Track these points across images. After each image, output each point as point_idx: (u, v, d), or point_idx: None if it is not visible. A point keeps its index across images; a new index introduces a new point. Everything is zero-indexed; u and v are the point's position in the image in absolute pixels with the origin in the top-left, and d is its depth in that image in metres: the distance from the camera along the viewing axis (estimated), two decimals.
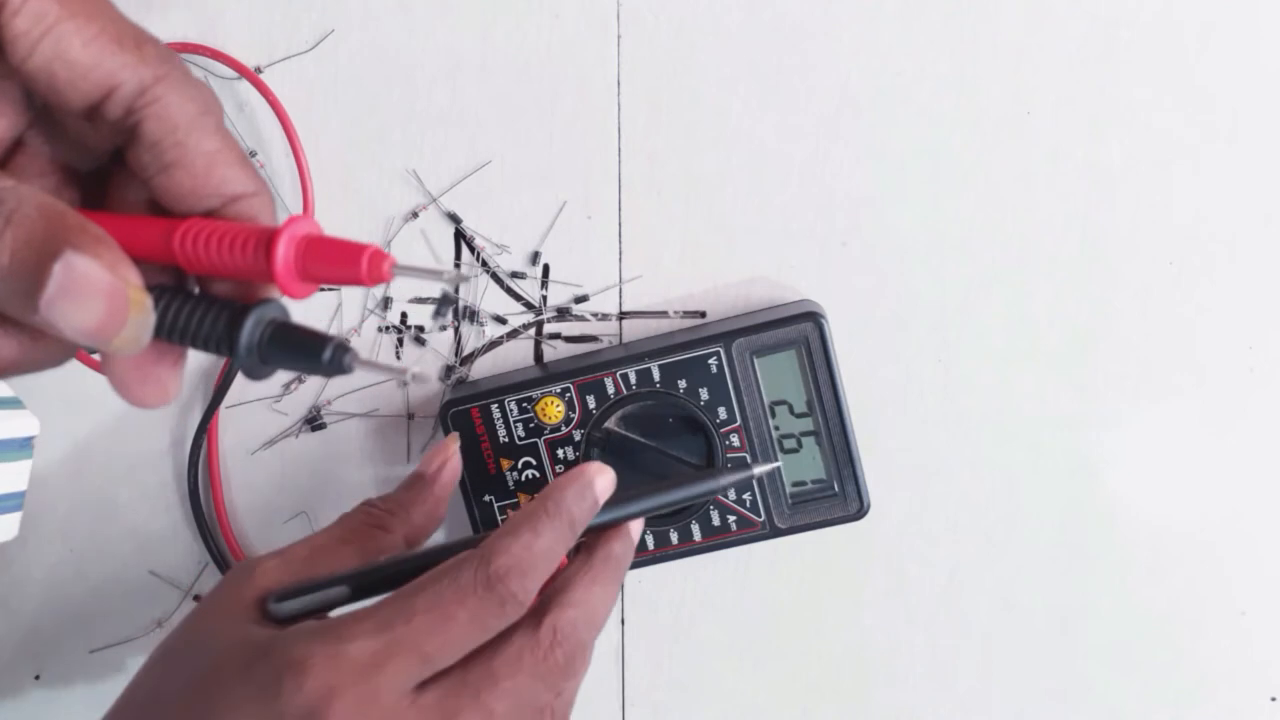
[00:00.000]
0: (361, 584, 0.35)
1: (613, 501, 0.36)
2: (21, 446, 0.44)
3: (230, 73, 0.46)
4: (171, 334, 0.26)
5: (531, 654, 0.33)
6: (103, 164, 0.29)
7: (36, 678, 0.51)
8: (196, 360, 0.48)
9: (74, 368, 0.46)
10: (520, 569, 0.32)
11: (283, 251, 0.25)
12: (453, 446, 0.43)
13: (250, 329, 0.26)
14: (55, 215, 0.24)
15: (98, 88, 0.25)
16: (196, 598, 0.50)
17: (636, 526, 0.38)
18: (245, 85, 0.46)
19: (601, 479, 0.36)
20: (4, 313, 0.24)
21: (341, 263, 0.26)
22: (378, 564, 0.35)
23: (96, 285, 0.24)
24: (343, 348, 0.26)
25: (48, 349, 0.26)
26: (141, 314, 0.25)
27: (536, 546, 0.33)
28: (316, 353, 0.26)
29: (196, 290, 0.28)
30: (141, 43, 0.26)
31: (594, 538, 0.37)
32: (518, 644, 0.33)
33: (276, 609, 0.34)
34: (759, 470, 0.40)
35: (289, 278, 0.26)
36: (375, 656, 0.31)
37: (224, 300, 0.27)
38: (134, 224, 0.27)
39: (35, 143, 0.28)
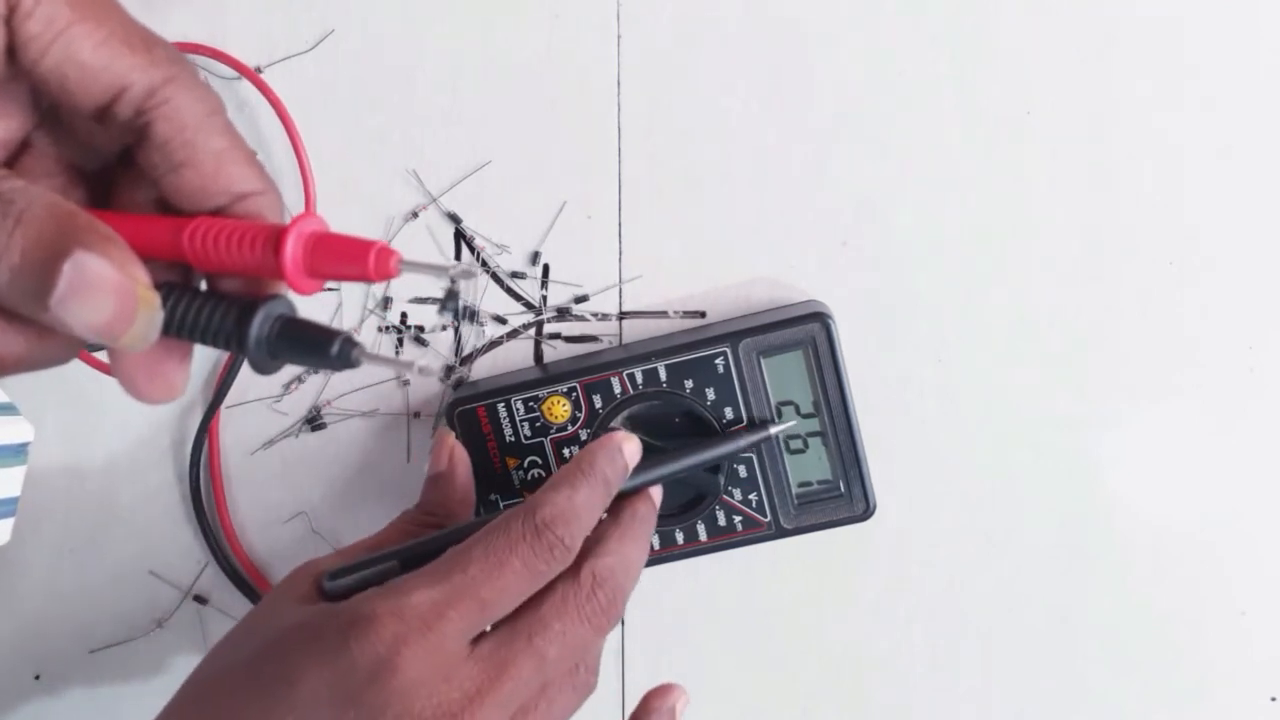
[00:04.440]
0: (411, 557, 0.36)
1: (636, 469, 0.39)
2: (16, 453, 0.44)
3: (231, 73, 0.46)
4: (180, 330, 0.27)
5: (575, 597, 0.35)
6: (109, 164, 0.29)
7: (36, 678, 0.51)
8: (198, 362, 0.48)
9: (76, 368, 0.46)
10: (564, 518, 0.35)
11: (291, 248, 0.26)
12: (449, 439, 0.44)
13: (259, 324, 0.26)
14: (65, 215, 0.24)
15: (108, 89, 0.26)
16: (197, 598, 0.50)
17: (657, 491, 0.41)
18: (246, 85, 0.46)
19: (629, 445, 0.38)
20: (14, 310, 0.25)
21: (349, 259, 0.26)
22: (426, 539, 0.37)
23: (106, 283, 0.24)
24: (350, 342, 0.26)
25: (54, 346, 0.26)
26: (150, 311, 0.25)
27: (577, 499, 0.35)
28: (324, 347, 0.26)
29: (204, 287, 0.28)
30: (151, 45, 0.26)
31: (619, 502, 0.39)
32: (561, 590, 0.35)
33: (332, 586, 0.36)
34: (775, 430, 0.43)
35: (297, 274, 0.26)
36: (436, 605, 0.32)
37: (232, 297, 0.27)
38: (143, 223, 0.27)
39: (43, 143, 0.28)
